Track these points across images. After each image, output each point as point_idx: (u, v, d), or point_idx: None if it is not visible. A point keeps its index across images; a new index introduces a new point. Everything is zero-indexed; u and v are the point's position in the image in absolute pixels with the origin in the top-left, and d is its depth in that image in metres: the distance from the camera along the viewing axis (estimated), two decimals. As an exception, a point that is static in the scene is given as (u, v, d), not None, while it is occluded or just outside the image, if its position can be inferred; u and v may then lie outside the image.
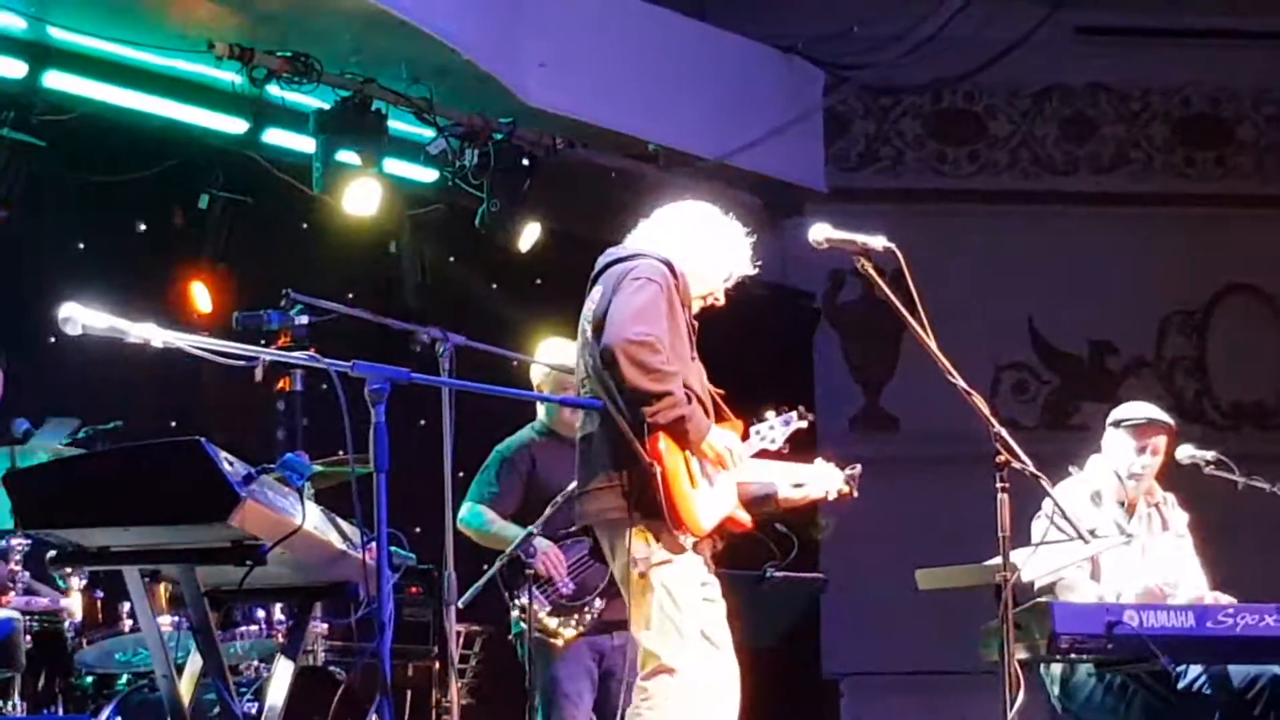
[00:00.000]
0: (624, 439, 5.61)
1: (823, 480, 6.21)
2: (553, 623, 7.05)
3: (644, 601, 5.64)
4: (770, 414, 6.98)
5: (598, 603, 7.04)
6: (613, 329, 5.59)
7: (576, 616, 7.06)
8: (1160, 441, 7.23)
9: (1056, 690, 7.03)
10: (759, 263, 6.11)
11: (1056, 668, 6.98)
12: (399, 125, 9.58)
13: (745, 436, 6.75)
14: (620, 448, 5.63)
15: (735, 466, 5.82)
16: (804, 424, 7.01)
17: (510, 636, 7.32)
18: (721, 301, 6.09)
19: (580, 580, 7.07)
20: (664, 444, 5.59)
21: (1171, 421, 7.30)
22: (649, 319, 5.60)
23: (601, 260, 5.98)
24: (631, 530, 5.59)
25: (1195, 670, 6.80)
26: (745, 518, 5.97)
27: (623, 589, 5.82)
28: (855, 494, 6.34)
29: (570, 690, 7.06)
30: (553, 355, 7.09)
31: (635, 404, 5.58)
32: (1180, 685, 6.80)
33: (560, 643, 7.05)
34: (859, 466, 6.40)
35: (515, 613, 7.14)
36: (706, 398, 5.85)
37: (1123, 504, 7.24)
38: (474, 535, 7.25)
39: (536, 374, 7.36)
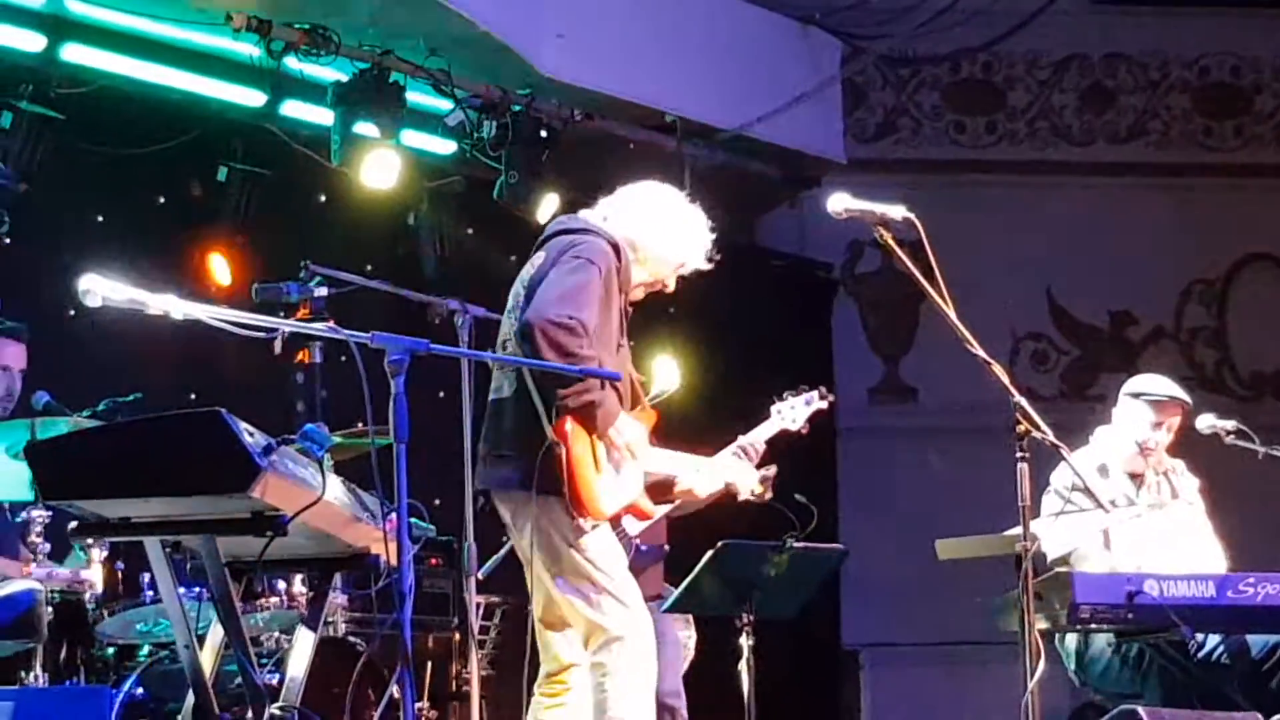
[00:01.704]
0: (534, 413, 5.55)
1: (733, 474, 6.29)
2: None
3: (572, 578, 5.57)
4: (789, 394, 6.98)
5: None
6: (538, 305, 5.47)
7: None
8: (1176, 420, 7.22)
9: (1072, 665, 7.02)
10: (716, 255, 6.02)
11: (1071, 641, 6.97)
12: (417, 97, 9.58)
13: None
14: (529, 421, 5.56)
15: (635, 459, 5.73)
16: (824, 405, 7.03)
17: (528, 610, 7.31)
18: (670, 288, 5.99)
19: None
20: (571, 426, 5.50)
21: (1190, 400, 7.28)
22: (578, 302, 5.46)
23: (551, 225, 5.91)
24: (555, 505, 5.51)
25: (1214, 640, 6.79)
26: (649, 507, 5.97)
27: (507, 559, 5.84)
28: (769, 496, 6.39)
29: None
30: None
31: (550, 383, 5.48)
32: (1198, 655, 6.79)
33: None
34: (774, 468, 6.45)
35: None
36: (626, 385, 5.76)
37: (1131, 475, 7.23)
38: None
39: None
